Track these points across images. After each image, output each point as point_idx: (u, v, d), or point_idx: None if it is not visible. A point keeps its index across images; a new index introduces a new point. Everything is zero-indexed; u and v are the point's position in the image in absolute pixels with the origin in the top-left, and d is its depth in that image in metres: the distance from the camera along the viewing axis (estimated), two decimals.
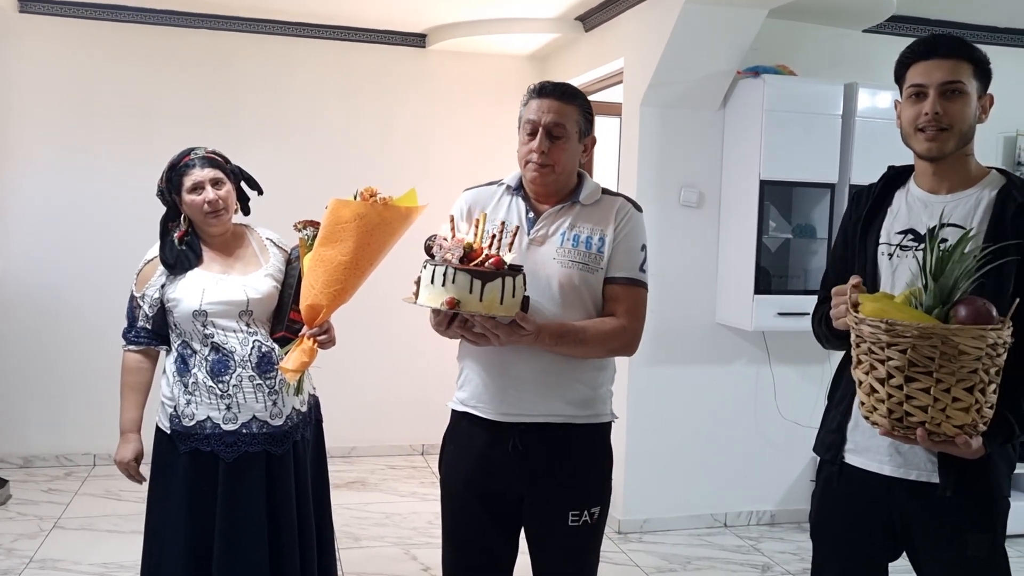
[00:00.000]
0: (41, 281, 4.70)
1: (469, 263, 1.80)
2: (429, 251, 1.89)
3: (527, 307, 1.87)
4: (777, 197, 3.98)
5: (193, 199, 2.33)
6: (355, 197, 2.17)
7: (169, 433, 2.35)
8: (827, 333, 1.88)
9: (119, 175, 4.67)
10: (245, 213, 2.52)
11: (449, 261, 1.80)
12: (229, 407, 2.33)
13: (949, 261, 1.54)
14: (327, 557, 2.57)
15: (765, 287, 3.90)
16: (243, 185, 2.49)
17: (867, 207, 1.90)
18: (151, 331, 2.39)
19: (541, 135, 1.98)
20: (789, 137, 3.81)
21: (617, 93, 4.34)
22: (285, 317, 2.39)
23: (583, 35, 4.64)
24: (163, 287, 2.35)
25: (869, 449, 1.83)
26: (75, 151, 4.69)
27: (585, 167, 2.17)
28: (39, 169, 4.67)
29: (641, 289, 2.05)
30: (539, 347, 1.93)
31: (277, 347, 2.37)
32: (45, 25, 4.61)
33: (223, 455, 2.31)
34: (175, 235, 2.37)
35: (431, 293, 1.80)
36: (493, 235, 1.87)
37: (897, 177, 1.91)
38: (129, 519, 3.91)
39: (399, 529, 4.05)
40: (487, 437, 2.04)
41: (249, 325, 2.36)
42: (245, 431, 2.33)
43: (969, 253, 1.55)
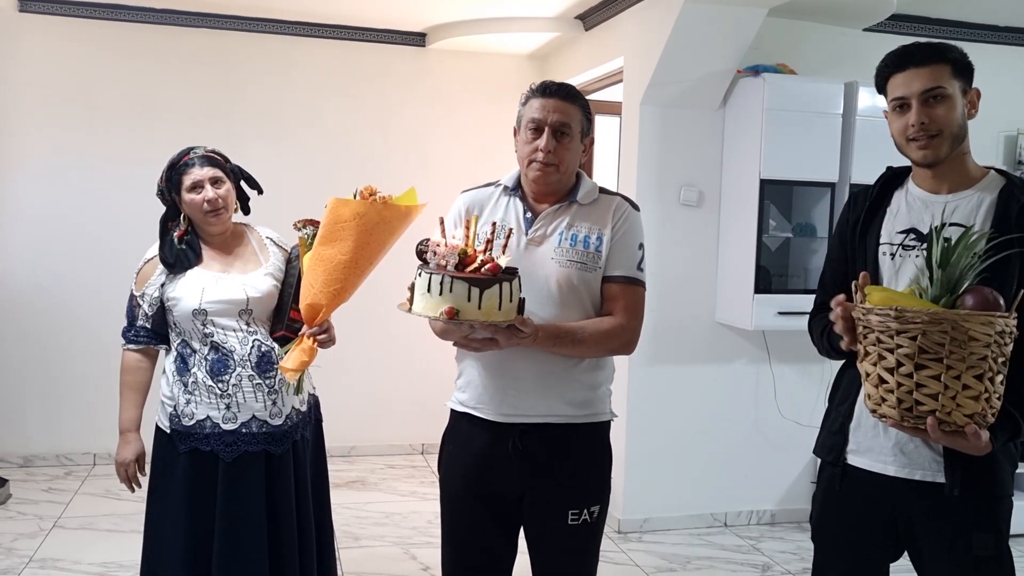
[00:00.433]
0: (41, 280, 4.69)
1: (464, 269, 1.78)
2: (421, 256, 1.87)
3: (523, 309, 1.86)
4: (777, 196, 3.98)
5: (193, 198, 2.33)
6: (355, 196, 2.16)
7: (169, 432, 2.35)
8: (828, 347, 1.88)
9: (119, 174, 4.67)
10: (245, 212, 2.51)
11: (445, 269, 1.77)
12: (229, 406, 2.32)
13: (955, 252, 1.55)
14: (327, 556, 2.57)
15: (765, 286, 3.90)
16: (243, 184, 2.48)
17: (865, 208, 1.90)
18: (151, 330, 2.39)
19: (548, 134, 1.98)
20: (789, 136, 3.80)
21: (617, 92, 4.34)
22: (285, 316, 2.39)
23: (583, 34, 4.63)
24: (163, 286, 2.35)
25: (872, 449, 1.83)
26: (75, 150, 4.69)
27: (584, 167, 2.17)
28: (39, 168, 4.66)
29: (639, 288, 2.05)
30: (538, 348, 1.93)
31: (277, 346, 2.37)
32: (45, 24, 4.61)
33: (223, 454, 2.31)
34: (175, 234, 2.37)
35: (428, 302, 1.77)
36: (488, 239, 1.85)
37: (895, 178, 1.91)
38: (129, 519, 3.90)
39: (399, 528, 4.05)
40: (487, 437, 2.04)
41: (249, 324, 2.36)
42: (245, 430, 2.33)
43: (973, 245, 1.55)
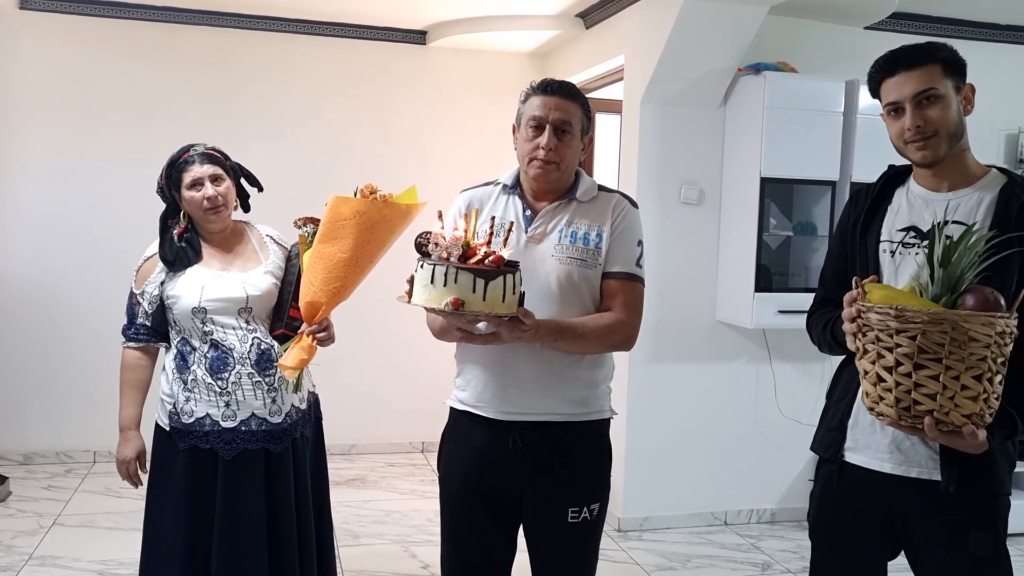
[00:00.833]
0: (41, 278, 4.69)
1: (467, 261, 1.77)
2: (421, 249, 1.86)
3: (523, 303, 1.85)
4: (778, 194, 3.97)
5: (192, 195, 2.32)
6: (355, 194, 2.16)
7: (168, 430, 2.35)
8: (831, 342, 1.87)
9: (119, 172, 4.67)
10: (245, 210, 2.51)
11: (449, 260, 1.77)
12: (228, 404, 2.32)
13: (956, 251, 1.54)
14: (326, 555, 2.56)
15: (766, 285, 3.89)
16: (243, 182, 2.48)
17: (867, 206, 1.89)
18: (151, 328, 2.38)
19: (549, 132, 1.98)
20: (790, 134, 3.80)
21: (617, 90, 4.34)
22: (284, 314, 2.39)
23: (583, 32, 4.63)
24: (163, 284, 2.35)
25: (869, 447, 1.83)
26: (75, 148, 4.69)
27: (584, 165, 2.17)
28: (39, 166, 4.66)
29: (638, 284, 2.05)
30: (538, 343, 1.92)
31: (276, 344, 2.37)
32: (45, 22, 4.60)
33: (222, 452, 2.31)
34: (175, 232, 2.37)
35: (431, 293, 1.76)
36: (490, 231, 1.85)
37: (896, 176, 1.91)
38: (129, 516, 3.90)
39: (399, 527, 4.05)
40: (487, 435, 2.04)
41: (248, 322, 2.36)
42: (244, 428, 2.33)
43: (975, 244, 1.55)
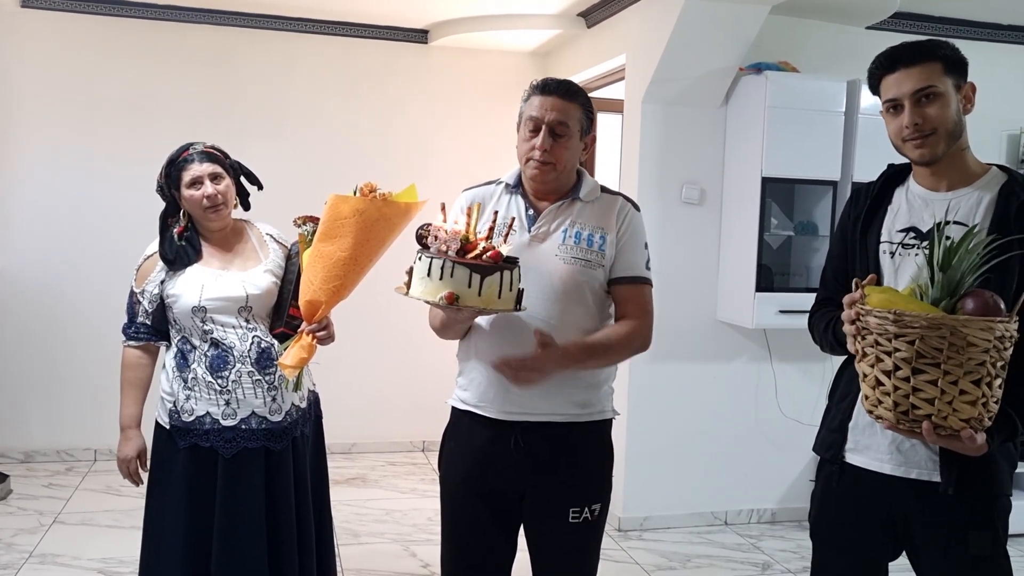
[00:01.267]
0: (42, 276, 4.70)
1: (465, 256, 1.77)
2: (421, 240, 1.86)
3: (521, 299, 1.85)
4: (779, 194, 3.97)
5: (192, 194, 2.32)
6: (355, 193, 2.16)
7: (168, 429, 2.35)
8: (833, 342, 1.87)
9: (120, 170, 4.67)
10: (245, 208, 2.51)
11: (446, 254, 1.76)
12: (228, 403, 2.32)
13: (956, 254, 1.53)
14: (326, 553, 2.56)
15: (767, 284, 3.89)
16: (242, 180, 2.48)
17: (866, 206, 1.89)
18: (151, 327, 2.38)
19: (544, 132, 1.97)
20: (791, 134, 3.80)
21: (619, 90, 4.33)
22: (284, 313, 2.38)
23: (585, 31, 4.62)
24: (163, 283, 2.35)
25: (870, 448, 1.82)
26: (76, 146, 4.69)
27: (585, 165, 2.16)
28: (40, 165, 4.66)
29: (648, 287, 2.08)
30: (572, 367, 1.93)
31: (276, 343, 2.37)
32: (47, 20, 4.61)
33: (222, 451, 2.31)
34: (174, 231, 2.37)
35: (427, 286, 1.75)
36: (491, 227, 1.85)
37: (896, 175, 1.90)
38: (129, 514, 3.90)
39: (399, 526, 4.05)
40: (488, 434, 2.03)
41: (248, 321, 2.36)
42: (244, 427, 2.33)
43: (976, 247, 1.54)
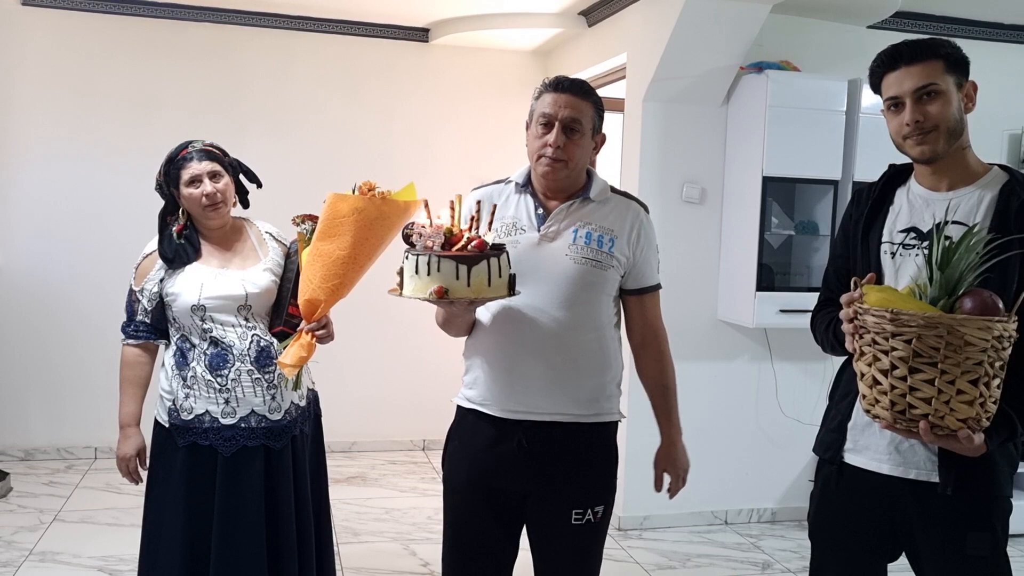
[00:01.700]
0: (42, 274, 4.70)
1: (451, 248, 1.77)
2: (408, 240, 1.86)
3: (514, 285, 1.84)
4: (780, 193, 3.96)
5: (191, 192, 2.32)
6: (353, 191, 2.15)
7: (167, 427, 2.35)
8: (834, 342, 1.86)
9: (121, 168, 4.67)
10: (244, 206, 2.51)
11: (431, 249, 1.77)
12: (228, 401, 2.32)
13: (955, 253, 1.53)
14: (325, 552, 2.56)
15: (767, 284, 3.88)
16: (242, 178, 2.48)
17: (868, 206, 1.88)
18: (150, 325, 2.38)
19: (557, 129, 1.96)
20: (792, 133, 3.79)
21: (620, 88, 4.32)
22: (283, 312, 2.38)
23: (586, 30, 4.62)
24: (162, 281, 2.34)
25: (868, 448, 1.82)
26: (77, 144, 4.69)
27: (592, 165, 2.16)
28: (41, 162, 4.66)
29: (658, 291, 2.17)
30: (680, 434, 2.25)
31: (276, 342, 2.37)
32: (47, 18, 4.60)
33: (221, 449, 2.31)
34: (173, 229, 2.36)
35: (417, 283, 1.76)
36: (472, 216, 1.84)
37: (898, 175, 1.90)
38: (129, 512, 3.90)
39: (399, 524, 4.05)
40: (493, 433, 2.03)
41: (248, 319, 2.35)
42: (244, 425, 2.32)
43: (975, 246, 1.53)
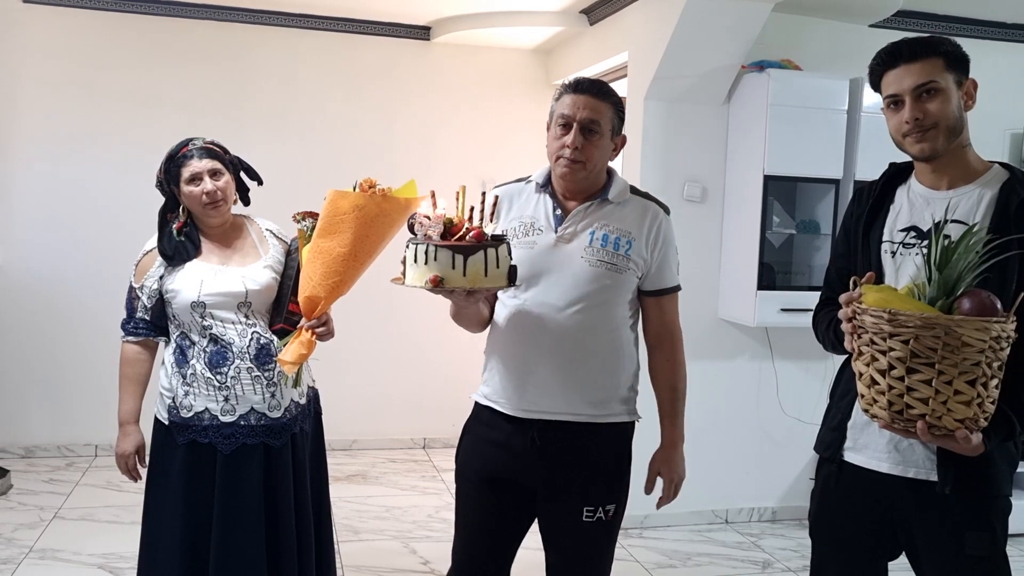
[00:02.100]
0: (43, 271, 4.70)
1: (451, 238, 1.79)
2: (412, 229, 1.88)
3: (515, 277, 1.85)
4: (781, 192, 3.96)
5: (191, 190, 2.32)
6: (354, 188, 2.15)
7: (167, 424, 2.35)
8: (834, 341, 1.86)
9: (123, 165, 4.67)
10: (245, 203, 2.51)
11: (430, 238, 1.79)
12: (227, 399, 2.32)
13: (954, 254, 1.52)
14: (325, 550, 2.56)
15: (768, 283, 3.88)
16: (242, 175, 2.48)
17: (869, 205, 1.88)
18: (150, 322, 2.38)
19: (576, 130, 1.96)
20: (794, 132, 3.78)
21: (621, 87, 4.31)
22: (284, 309, 2.38)
23: (588, 28, 4.61)
24: (161, 278, 2.34)
25: (868, 447, 1.82)
26: (79, 142, 4.69)
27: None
28: (42, 159, 4.66)
29: (677, 292, 2.16)
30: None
31: (276, 339, 2.37)
32: (50, 16, 4.60)
33: (221, 447, 2.31)
34: (174, 226, 2.36)
35: (416, 272, 1.79)
36: (472, 207, 1.85)
37: (898, 174, 1.89)
38: (129, 510, 3.90)
39: (399, 523, 4.05)
40: (507, 429, 2.04)
41: (248, 317, 2.35)
42: (243, 423, 2.32)
43: (974, 246, 1.53)
